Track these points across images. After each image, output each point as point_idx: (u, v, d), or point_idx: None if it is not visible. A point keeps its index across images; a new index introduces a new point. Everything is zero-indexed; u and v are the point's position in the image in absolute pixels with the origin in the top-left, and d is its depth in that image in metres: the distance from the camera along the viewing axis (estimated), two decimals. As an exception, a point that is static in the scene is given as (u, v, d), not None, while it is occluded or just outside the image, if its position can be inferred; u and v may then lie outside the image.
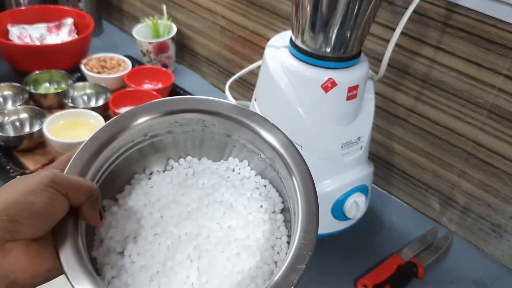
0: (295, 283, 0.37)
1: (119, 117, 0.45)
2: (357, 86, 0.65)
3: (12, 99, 0.98)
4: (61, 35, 1.19)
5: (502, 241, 0.77)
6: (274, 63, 0.66)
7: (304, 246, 0.39)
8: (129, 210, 0.46)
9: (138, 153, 0.49)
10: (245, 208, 0.47)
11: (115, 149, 0.45)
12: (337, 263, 0.76)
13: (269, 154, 0.46)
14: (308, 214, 0.41)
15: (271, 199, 0.49)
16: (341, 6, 0.58)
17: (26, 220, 0.34)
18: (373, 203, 0.87)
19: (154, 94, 0.99)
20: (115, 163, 0.46)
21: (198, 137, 0.51)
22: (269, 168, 0.49)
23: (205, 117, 0.47)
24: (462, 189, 0.80)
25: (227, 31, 1.07)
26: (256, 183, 0.50)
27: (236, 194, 0.48)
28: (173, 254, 0.43)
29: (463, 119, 0.75)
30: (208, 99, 0.47)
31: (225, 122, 0.47)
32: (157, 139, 0.49)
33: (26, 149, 0.88)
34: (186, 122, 0.48)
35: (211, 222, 0.46)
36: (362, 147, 0.71)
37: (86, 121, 0.93)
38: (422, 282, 0.74)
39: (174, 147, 0.51)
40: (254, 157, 0.50)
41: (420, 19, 0.73)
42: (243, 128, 0.46)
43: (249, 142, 0.48)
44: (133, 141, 0.47)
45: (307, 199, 0.42)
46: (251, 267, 0.43)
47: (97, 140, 0.43)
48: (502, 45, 0.66)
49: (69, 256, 0.37)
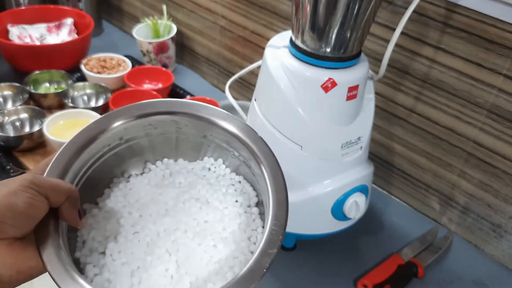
0: (267, 266, 0.39)
1: (95, 122, 0.47)
2: (357, 86, 0.65)
3: (12, 99, 0.98)
4: (61, 35, 1.19)
5: (502, 241, 0.78)
6: (274, 63, 0.66)
7: (275, 232, 0.41)
8: (109, 212, 0.48)
9: (116, 157, 0.50)
10: (221, 203, 0.50)
11: (92, 153, 0.47)
12: (337, 263, 0.76)
13: (240, 149, 0.48)
14: (278, 203, 0.43)
15: (246, 194, 0.51)
16: (341, 6, 0.58)
17: (9, 220, 0.36)
18: (373, 203, 0.87)
19: (154, 94, 1.00)
20: (93, 167, 0.48)
21: (173, 139, 0.52)
22: (243, 165, 0.51)
23: (176, 118, 0.49)
24: (462, 189, 0.80)
25: (227, 31, 1.07)
26: (231, 179, 0.52)
27: (212, 190, 0.50)
28: (152, 249, 0.45)
29: (463, 119, 0.75)
30: (178, 100, 0.50)
31: (196, 122, 0.49)
32: (133, 143, 0.51)
33: (26, 149, 0.88)
34: (159, 124, 0.50)
35: (188, 218, 0.48)
36: (362, 147, 0.71)
37: (86, 121, 0.92)
38: (422, 282, 0.74)
39: (150, 150, 0.53)
40: (228, 154, 0.52)
41: (420, 19, 0.73)
42: (213, 126, 0.49)
43: (222, 140, 0.50)
44: (110, 145, 0.49)
45: (277, 189, 0.44)
46: (227, 257, 0.45)
47: (75, 144, 0.45)
48: (502, 45, 0.66)
49: (51, 254, 0.39)
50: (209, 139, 0.51)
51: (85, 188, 0.47)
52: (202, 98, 1.00)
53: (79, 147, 0.45)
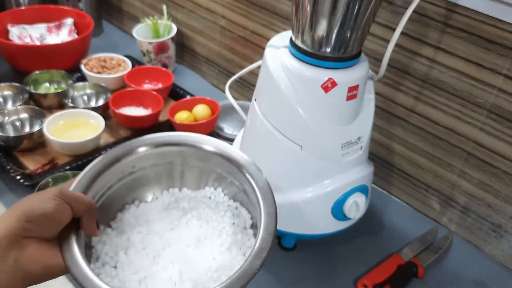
0: (258, 267, 0.46)
1: (113, 150, 0.56)
2: (357, 86, 0.65)
3: (12, 99, 0.98)
4: (61, 35, 1.19)
5: (502, 241, 0.78)
6: (274, 63, 0.66)
7: (265, 238, 0.48)
8: (121, 231, 0.56)
9: (127, 185, 0.59)
10: (219, 223, 0.57)
11: (109, 177, 0.56)
12: (337, 263, 0.76)
13: (236, 173, 0.56)
14: (268, 214, 0.50)
15: (242, 218, 0.58)
16: (341, 6, 0.58)
17: (39, 222, 0.44)
18: (373, 203, 0.87)
19: (154, 94, 1.00)
20: (108, 192, 0.57)
21: (178, 169, 0.60)
22: (240, 192, 0.58)
23: (183, 149, 0.58)
24: (462, 189, 0.80)
25: (227, 31, 1.07)
26: (229, 206, 0.59)
27: (211, 213, 0.58)
28: (158, 261, 0.53)
29: (463, 119, 0.75)
30: (184, 134, 0.59)
31: (200, 153, 0.58)
32: (143, 172, 0.59)
33: (26, 149, 0.88)
34: (167, 154, 0.59)
35: (190, 234, 0.55)
36: (362, 147, 0.71)
37: (86, 121, 0.93)
38: (422, 282, 0.74)
39: (157, 180, 0.61)
40: (227, 182, 0.59)
41: (420, 19, 0.73)
42: (215, 156, 0.57)
43: (223, 170, 0.58)
44: (123, 172, 0.57)
45: (267, 204, 0.51)
46: (225, 267, 0.52)
47: (94, 167, 0.54)
48: (502, 45, 0.67)
49: (71, 255, 0.46)
50: (211, 168, 0.59)
51: (100, 211, 0.54)
52: (202, 98, 1.00)
53: (100, 169, 0.54)
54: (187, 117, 0.95)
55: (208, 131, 0.97)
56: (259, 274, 0.67)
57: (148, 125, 0.96)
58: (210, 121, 0.94)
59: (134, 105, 1.01)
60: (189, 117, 0.96)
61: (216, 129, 0.98)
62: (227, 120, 1.01)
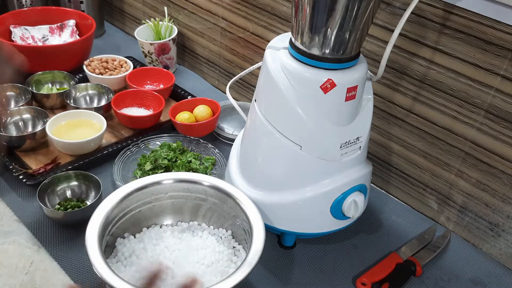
0: (250, 268, 0.58)
1: (152, 176, 0.72)
2: (356, 87, 0.65)
3: (14, 100, 0.99)
4: (63, 36, 1.20)
5: (499, 240, 0.78)
6: (274, 64, 0.66)
7: (255, 251, 0.61)
8: (141, 240, 0.71)
9: (155, 209, 0.74)
10: (219, 254, 0.70)
11: (142, 196, 0.71)
12: (336, 262, 0.76)
13: (240, 212, 0.69)
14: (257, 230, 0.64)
15: (240, 257, 0.69)
16: (340, 8, 0.59)
17: None
18: (372, 202, 0.88)
19: (156, 95, 1.00)
20: (140, 208, 0.72)
21: (201, 204, 0.74)
22: (241, 230, 0.70)
23: (206, 188, 0.72)
24: (459, 188, 0.80)
25: (228, 33, 1.08)
26: (230, 241, 0.73)
27: (211, 237, 0.74)
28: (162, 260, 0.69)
29: (460, 119, 0.76)
30: (211, 178, 0.73)
31: (219, 194, 0.72)
32: (172, 201, 0.74)
33: (28, 149, 0.89)
34: (194, 190, 0.73)
35: (192, 247, 0.71)
36: (360, 147, 0.71)
37: (88, 122, 0.93)
38: (420, 280, 0.74)
39: (180, 210, 0.75)
40: (233, 222, 0.72)
41: (418, 20, 0.74)
42: (229, 198, 0.71)
43: (233, 210, 0.71)
44: (156, 195, 0.73)
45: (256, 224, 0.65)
46: (221, 271, 0.67)
47: (127, 187, 0.70)
48: (500, 46, 0.67)
49: None
50: (224, 209, 0.73)
51: (129, 223, 0.71)
52: (203, 99, 1.00)
53: (131, 191, 0.69)
54: (188, 118, 0.96)
55: (209, 131, 0.98)
56: (259, 272, 0.69)
57: (149, 125, 0.97)
58: (210, 122, 0.95)
59: (135, 106, 1.02)
60: (190, 117, 0.96)
61: (216, 129, 0.99)
62: (227, 121, 1.02)
